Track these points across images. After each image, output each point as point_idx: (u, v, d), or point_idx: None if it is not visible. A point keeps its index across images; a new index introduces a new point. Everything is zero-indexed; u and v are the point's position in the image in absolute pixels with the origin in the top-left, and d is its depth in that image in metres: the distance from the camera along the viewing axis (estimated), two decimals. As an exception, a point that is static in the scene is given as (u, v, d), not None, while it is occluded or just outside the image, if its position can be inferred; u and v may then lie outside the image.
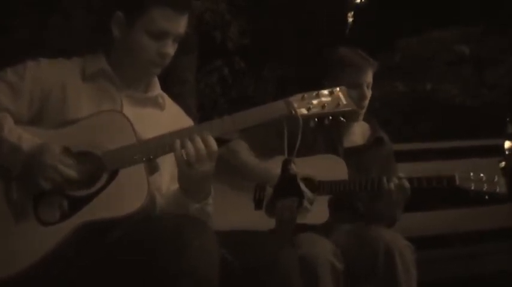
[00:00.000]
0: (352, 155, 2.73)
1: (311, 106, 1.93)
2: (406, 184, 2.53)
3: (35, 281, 1.79)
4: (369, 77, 2.73)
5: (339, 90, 1.97)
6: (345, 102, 1.95)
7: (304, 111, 1.92)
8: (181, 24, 2.03)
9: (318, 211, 2.56)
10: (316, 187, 2.60)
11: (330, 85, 2.63)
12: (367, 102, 2.73)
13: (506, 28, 6.92)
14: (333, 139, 2.75)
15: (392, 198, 2.56)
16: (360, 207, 2.72)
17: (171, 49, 2.04)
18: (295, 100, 1.94)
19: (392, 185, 2.53)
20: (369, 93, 2.71)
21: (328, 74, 2.73)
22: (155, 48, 2.02)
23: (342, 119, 1.97)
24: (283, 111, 1.93)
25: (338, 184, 2.61)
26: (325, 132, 2.67)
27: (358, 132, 2.83)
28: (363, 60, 2.73)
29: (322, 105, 1.93)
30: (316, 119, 1.94)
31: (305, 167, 2.54)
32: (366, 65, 2.72)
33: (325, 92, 1.96)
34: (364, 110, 2.75)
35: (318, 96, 1.95)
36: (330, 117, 1.95)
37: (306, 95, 1.95)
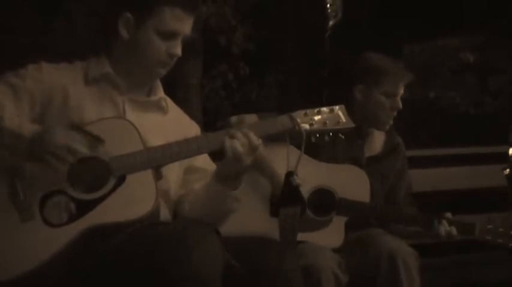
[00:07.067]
0: (372, 164, 2.72)
1: (313, 122, 2.03)
2: (455, 232, 2.48)
3: (40, 282, 1.79)
4: (402, 88, 2.69)
5: (338, 109, 2.06)
6: (344, 120, 2.05)
7: (306, 126, 2.01)
8: (189, 25, 2.05)
9: (333, 232, 2.53)
10: (336, 202, 2.55)
11: (364, 91, 2.66)
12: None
13: (510, 36, 6.93)
14: (355, 149, 2.71)
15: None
16: (373, 222, 2.69)
17: (179, 49, 2.05)
18: (298, 115, 2.02)
19: (442, 230, 2.48)
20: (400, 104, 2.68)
21: (362, 80, 2.68)
22: (164, 49, 2.03)
23: (341, 135, 2.06)
24: (288, 126, 2.01)
25: (363, 206, 2.56)
26: (347, 141, 2.57)
27: (378, 141, 2.81)
28: (401, 70, 2.69)
29: (324, 122, 2.03)
30: (317, 135, 2.03)
31: (326, 176, 2.54)
32: (403, 76, 2.68)
33: (326, 109, 2.06)
34: (391, 120, 2.72)
35: (319, 113, 2.04)
36: (331, 134, 2.04)
37: (308, 112, 2.04)
